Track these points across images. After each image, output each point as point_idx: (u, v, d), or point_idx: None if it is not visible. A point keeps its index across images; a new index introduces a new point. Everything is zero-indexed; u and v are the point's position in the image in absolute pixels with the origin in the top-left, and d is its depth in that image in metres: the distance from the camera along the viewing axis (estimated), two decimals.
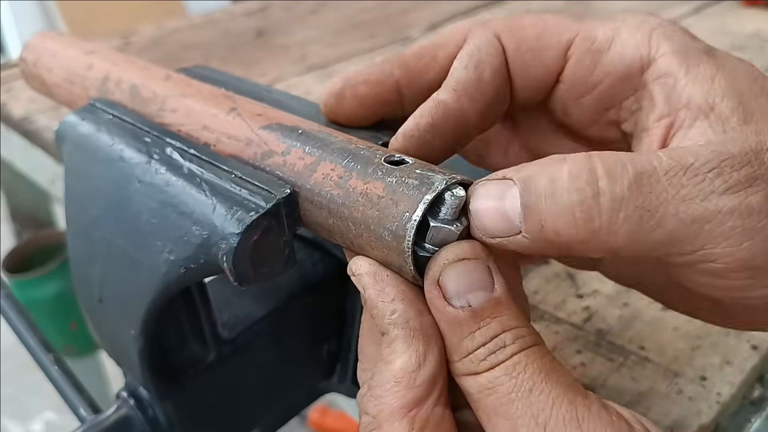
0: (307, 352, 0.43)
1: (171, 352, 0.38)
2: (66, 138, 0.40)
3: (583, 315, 0.48)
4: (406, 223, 0.27)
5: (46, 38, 0.49)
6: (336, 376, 0.45)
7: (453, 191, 0.27)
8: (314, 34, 1.08)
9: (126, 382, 0.40)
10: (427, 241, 0.27)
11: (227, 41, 1.08)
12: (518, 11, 1.11)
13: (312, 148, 0.31)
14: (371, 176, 0.28)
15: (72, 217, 0.39)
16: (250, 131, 0.34)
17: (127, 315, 0.36)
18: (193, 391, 0.39)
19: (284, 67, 0.96)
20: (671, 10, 1.05)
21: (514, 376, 0.25)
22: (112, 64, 0.43)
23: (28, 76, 0.49)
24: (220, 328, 0.39)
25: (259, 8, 1.23)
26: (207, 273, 0.33)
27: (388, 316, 0.27)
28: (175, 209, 0.32)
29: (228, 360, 0.40)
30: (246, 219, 0.29)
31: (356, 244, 0.29)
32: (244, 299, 0.42)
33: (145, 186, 0.34)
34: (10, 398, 1.63)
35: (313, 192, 0.30)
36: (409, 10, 1.16)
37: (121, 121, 0.38)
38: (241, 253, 0.29)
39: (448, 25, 1.06)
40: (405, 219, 0.27)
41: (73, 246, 0.39)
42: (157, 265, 0.33)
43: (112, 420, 0.38)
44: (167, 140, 0.36)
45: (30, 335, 0.44)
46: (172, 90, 0.39)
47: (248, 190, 0.31)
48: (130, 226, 0.35)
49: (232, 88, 0.40)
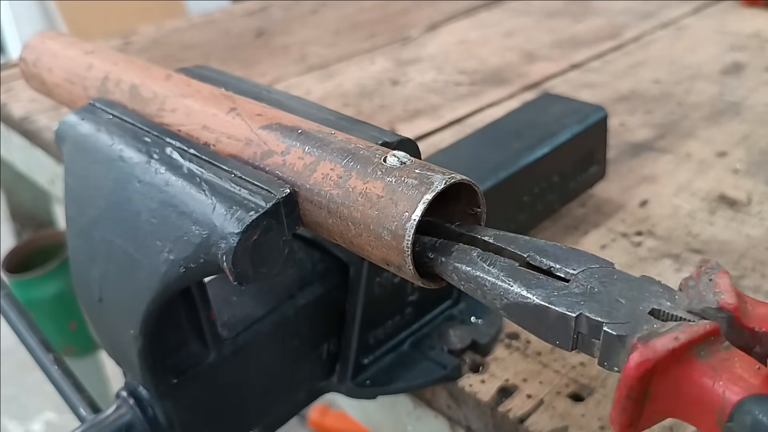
0: (307, 352, 0.43)
1: (171, 352, 0.38)
2: (66, 138, 0.40)
3: None
4: (406, 222, 0.27)
5: (46, 38, 0.49)
6: (336, 375, 0.45)
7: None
8: (314, 34, 1.08)
9: (126, 381, 0.40)
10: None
11: (227, 41, 1.09)
12: (518, 11, 1.11)
13: (311, 148, 0.31)
14: (371, 176, 0.28)
15: (72, 216, 0.39)
16: (249, 131, 0.34)
17: (126, 315, 0.36)
18: (193, 390, 0.39)
19: (284, 67, 0.96)
20: (671, 10, 1.05)
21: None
22: (112, 64, 0.43)
23: (28, 76, 0.49)
24: (220, 328, 0.39)
25: (259, 8, 1.23)
26: (207, 273, 0.33)
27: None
28: (175, 209, 0.32)
29: (228, 360, 0.40)
30: (246, 218, 0.29)
31: (356, 243, 0.29)
32: (243, 299, 0.42)
33: (145, 186, 0.34)
34: (10, 398, 1.63)
35: (313, 192, 0.30)
36: (409, 10, 1.16)
37: (121, 121, 0.38)
38: (240, 252, 0.29)
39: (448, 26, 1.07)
40: (404, 219, 0.27)
41: (73, 246, 0.39)
42: (157, 264, 0.33)
43: (112, 420, 0.38)
44: (167, 140, 0.36)
45: (30, 335, 0.44)
46: (171, 90, 0.39)
47: (248, 189, 0.31)
48: (130, 226, 0.35)
49: (232, 88, 0.40)
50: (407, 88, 0.86)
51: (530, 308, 0.27)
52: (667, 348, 0.24)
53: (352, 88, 0.87)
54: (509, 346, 0.46)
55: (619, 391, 0.25)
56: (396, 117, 0.79)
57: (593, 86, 0.83)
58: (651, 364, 0.24)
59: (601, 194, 0.61)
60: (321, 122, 0.35)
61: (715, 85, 0.80)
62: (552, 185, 0.54)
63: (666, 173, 0.64)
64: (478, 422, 0.43)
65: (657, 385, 0.25)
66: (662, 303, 0.26)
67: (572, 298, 0.26)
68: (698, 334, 0.25)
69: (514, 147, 0.52)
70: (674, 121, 0.73)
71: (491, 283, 0.27)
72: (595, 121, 0.55)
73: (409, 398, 0.47)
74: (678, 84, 0.81)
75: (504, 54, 0.94)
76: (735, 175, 0.62)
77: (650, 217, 0.58)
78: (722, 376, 0.24)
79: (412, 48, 0.99)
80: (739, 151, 0.66)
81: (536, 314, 0.27)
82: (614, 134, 0.69)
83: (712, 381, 0.24)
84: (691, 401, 0.25)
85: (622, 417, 0.25)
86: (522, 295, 0.27)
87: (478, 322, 0.47)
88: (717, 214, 0.57)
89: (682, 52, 0.90)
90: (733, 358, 0.25)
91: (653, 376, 0.25)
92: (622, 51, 0.92)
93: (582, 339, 0.26)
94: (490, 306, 0.28)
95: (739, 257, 0.52)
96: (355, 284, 0.42)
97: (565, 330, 0.26)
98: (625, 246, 0.54)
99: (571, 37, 0.98)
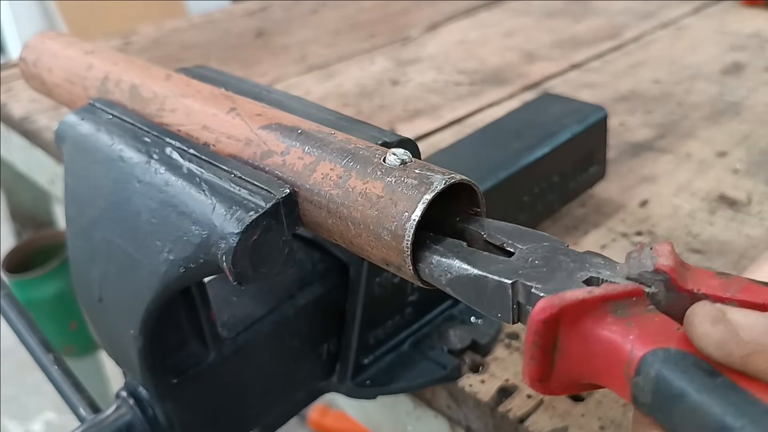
0: (306, 352, 0.43)
1: (171, 352, 0.38)
2: (66, 138, 0.40)
3: None
4: (405, 222, 0.27)
5: (46, 38, 0.49)
6: (336, 375, 0.45)
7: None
8: (314, 34, 1.08)
9: (126, 381, 0.40)
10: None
11: (227, 41, 1.09)
12: (518, 11, 1.11)
13: (311, 148, 0.31)
14: (370, 176, 0.28)
15: (72, 216, 0.39)
16: (249, 131, 0.34)
17: (126, 315, 0.36)
18: (193, 390, 0.39)
19: (284, 67, 0.96)
20: (671, 10, 1.05)
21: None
22: (112, 64, 0.43)
23: (28, 76, 0.49)
24: (220, 328, 0.39)
25: (259, 8, 1.23)
26: (206, 273, 0.33)
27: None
28: (175, 209, 0.32)
29: (228, 360, 0.40)
30: (245, 219, 0.29)
31: (355, 243, 0.29)
32: (243, 299, 0.42)
33: (145, 186, 0.34)
34: (10, 398, 1.63)
35: (313, 192, 0.30)
36: (409, 10, 1.16)
37: (121, 121, 0.38)
38: (240, 252, 0.29)
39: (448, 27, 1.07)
40: (404, 219, 0.27)
41: (73, 246, 0.39)
42: (157, 264, 0.33)
43: (112, 420, 0.38)
44: (167, 140, 0.36)
45: (30, 335, 0.44)
46: (171, 90, 0.39)
47: (248, 189, 0.31)
48: (130, 226, 0.35)
49: (232, 88, 0.40)
50: (407, 88, 0.86)
51: (470, 280, 0.27)
52: (576, 297, 0.24)
53: (352, 88, 0.87)
54: (509, 346, 0.46)
55: (527, 338, 0.25)
56: (396, 117, 0.78)
57: (593, 86, 0.83)
58: (556, 309, 0.24)
59: (601, 194, 0.61)
60: (321, 122, 0.35)
61: (715, 85, 0.80)
62: (552, 185, 0.54)
63: (666, 173, 0.64)
64: (478, 422, 0.43)
65: (566, 338, 0.25)
66: (601, 272, 0.26)
67: (511, 268, 0.27)
68: (615, 291, 0.25)
69: (514, 147, 0.52)
70: (674, 121, 0.73)
71: (437, 261, 0.28)
72: (595, 121, 0.55)
73: (409, 398, 0.47)
74: (678, 84, 0.81)
75: (504, 54, 0.94)
76: (735, 175, 0.62)
77: (650, 217, 0.58)
78: (634, 332, 0.23)
79: (412, 48, 0.99)
80: (739, 151, 0.66)
81: (476, 286, 0.27)
82: (614, 134, 0.69)
83: (621, 336, 0.24)
84: (600, 356, 0.24)
85: (530, 367, 0.25)
86: (462, 267, 0.27)
87: (478, 322, 0.47)
88: (717, 214, 0.57)
89: (682, 52, 0.90)
90: (652, 319, 0.24)
91: (561, 326, 0.24)
92: (622, 51, 0.92)
93: (522, 310, 0.26)
94: (438, 285, 0.28)
95: (739, 257, 0.52)
96: (355, 284, 0.42)
97: (504, 299, 0.26)
98: (626, 246, 0.54)
99: (571, 37, 0.98)
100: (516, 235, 0.29)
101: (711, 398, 0.21)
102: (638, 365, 0.23)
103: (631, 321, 0.24)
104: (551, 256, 0.27)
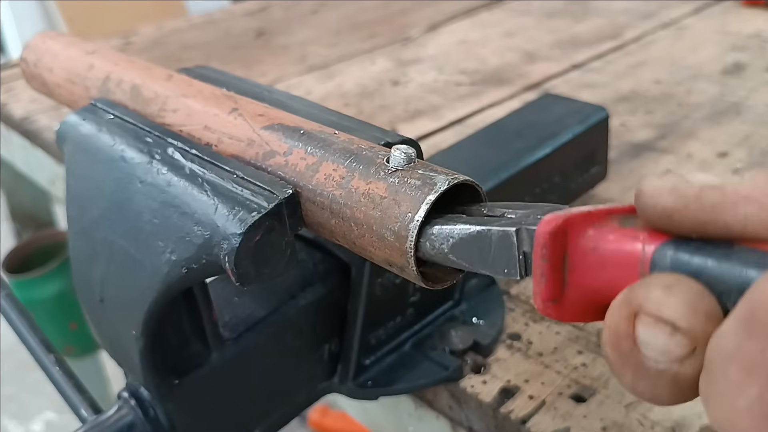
0: (308, 353, 0.43)
1: (172, 353, 0.38)
2: (67, 138, 0.40)
3: None
4: (409, 223, 0.27)
5: (47, 38, 0.49)
6: (337, 376, 0.45)
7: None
8: (314, 34, 1.08)
9: (127, 382, 0.40)
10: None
11: (227, 41, 1.08)
12: (519, 11, 1.11)
13: (314, 149, 0.31)
14: (373, 177, 0.28)
15: (73, 217, 0.39)
16: (251, 131, 0.34)
17: (128, 315, 0.36)
18: (195, 391, 0.39)
19: (284, 67, 0.96)
20: (672, 10, 1.05)
21: None
22: (113, 64, 0.43)
23: (28, 76, 0.49)
24: (222, 329, 0.39)
25: (259, 8, 1.23)
26: (209, 273, 0.33)
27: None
28: (177, 209, 0.32)
29: (229, 360, 0.40)
30: (248, 219, 0.29)
31: (358, 244, 0.29)
32: (245, 299, 0.42)
33: (147, 186, 0.34)
34: (10, 398, 1.63)
35: (315, 192, 0.30)
36: (409, 10, 1.16)
37: (123, 122, 0.38)
38: (242, 253, 0.29)
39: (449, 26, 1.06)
40: (407, 219, 0.27)
41: (74, 246, 0.39)
42: (159, 265, 0.33)
43: (114, 420, 0.38)
44: (169, 140, 0.36)
45: (30, 335, 0.44)
46: (173, 90, 0.39)
47: (250, 190, 0.31)
48: (132, 227, 0.35)
49: (233, 88, 0.40)
50: (408, 88, 0.86)
51: (473, 238, 0.26)
52: (581, 210, 0.24)
53: (352, 88, 0.87)
54: (511, 346, 0.46)
55: (534, 256, 0.24)
56: (397, 117, 0.78)
57: (594, 86, 0.82)
58: (562, 220, 0.24)
59: (603, 195, 0.61)
60: (323, 123, 0.35)
61: (716, 86, 0.80)
62: (553, 186, 0.54)
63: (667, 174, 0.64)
64: (480, 423, 0.43)
65: (575, 252, 0.24)
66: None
67: (513, 222, 0.26)
68: (618, 207, 0.25)
69: (515, 147, 0.52)
70: (675, 122, 0.73)
71: (437, 230, 0.27)
72: (596, 122, 0.55)
73: (410, 399, 0.47)
74: (679, 84, 0.81)
75: (504, 54, 0.94)
76: (736, 176, 0.62)
77: None
78: (642, 234, 0.23)
79: (412, 48, 0.99)
80: (740, 151, 0.66)
81: (479, 244, 0.26)
82: (615, 134, 0.69)
83: (631, 238, 0.23)
84: (612, 264, 0.24)
85: (541, 286, 0.24)
86: (464, 228, 0.27)
87: (479, 322, 0.47)
88: None
89: (683, 52, 0.90)
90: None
91: (569, 239, 0.24)
92: (623, 51, 0.92)
93: (528, 260, 0.26)
94: (441, 260, 0.28)
95: None
96: (356, 285, 0.42)
97: (509, 250, 0.26)
98: None
99: (571, 37, 0.98)
100: (517, 206, 0.28)
101: (731, 262, 0.21)
102: (652, 259, 0.23)
103: (637, 226, 0.24)
104: (553, 209, 0.27)
